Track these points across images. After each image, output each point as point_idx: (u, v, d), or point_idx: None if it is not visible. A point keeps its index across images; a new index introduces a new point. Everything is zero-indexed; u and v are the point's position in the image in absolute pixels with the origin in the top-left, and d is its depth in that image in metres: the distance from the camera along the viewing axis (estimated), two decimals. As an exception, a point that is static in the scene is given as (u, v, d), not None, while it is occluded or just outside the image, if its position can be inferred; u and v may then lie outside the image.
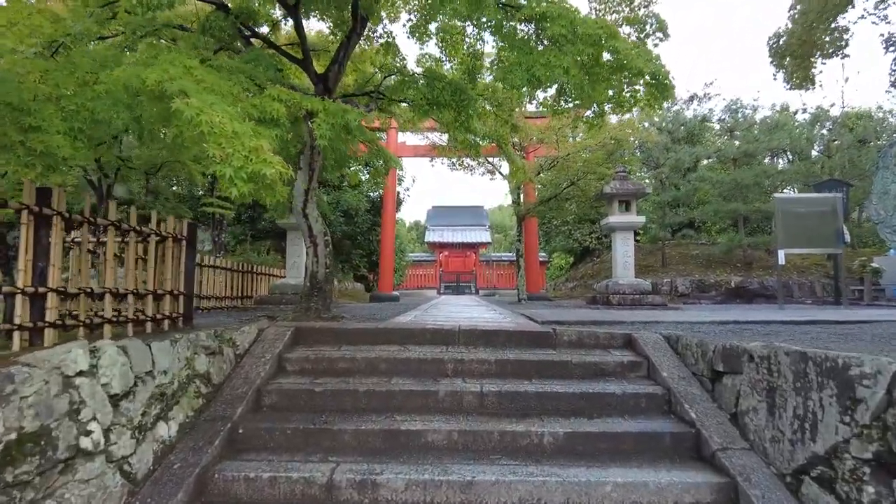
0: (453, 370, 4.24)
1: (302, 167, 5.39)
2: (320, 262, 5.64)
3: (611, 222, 9.51)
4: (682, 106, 17.58)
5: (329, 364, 4.35)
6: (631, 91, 5.54)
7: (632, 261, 9.61)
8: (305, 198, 5.45)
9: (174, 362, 3.41)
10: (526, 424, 3.52)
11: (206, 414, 3.57)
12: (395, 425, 3.50)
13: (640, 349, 4.50)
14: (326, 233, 5.70)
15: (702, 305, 11.16)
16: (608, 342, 4.75)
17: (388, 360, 4.32)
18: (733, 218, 14.80)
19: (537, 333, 4.76)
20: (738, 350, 3.54)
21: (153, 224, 4.20)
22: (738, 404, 3.46)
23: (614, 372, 4.29)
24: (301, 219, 5.52)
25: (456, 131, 7.23)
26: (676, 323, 6.03)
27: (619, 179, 9.65)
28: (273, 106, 3.23)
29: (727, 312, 7.96)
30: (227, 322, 5.84)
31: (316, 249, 5.62)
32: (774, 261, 15.52)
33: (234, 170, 2.38)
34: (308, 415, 3.72)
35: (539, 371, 4.25)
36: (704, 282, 13.29)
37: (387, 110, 7.78)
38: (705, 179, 13.68)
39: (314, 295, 5.64)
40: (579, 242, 19.00)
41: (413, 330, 4.82)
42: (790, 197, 9.71)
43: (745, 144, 13.78)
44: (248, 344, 4.47)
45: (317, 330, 4.84)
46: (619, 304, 9.07)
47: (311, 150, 5.34)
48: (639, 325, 5.88)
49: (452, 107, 5.65)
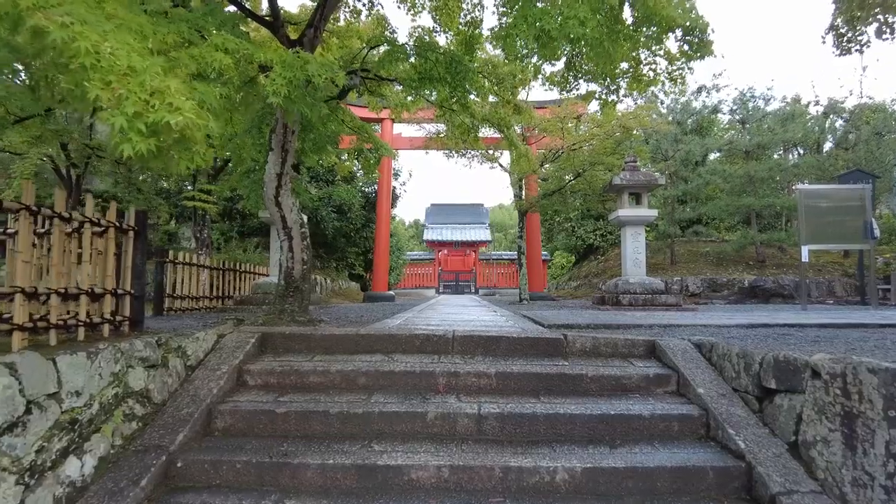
0: (446, 385, 3.55)
1: (273, 148, 4.69)
2: (296, 258, 4.95)
3: (620, 216, 8.81)
4: (690, 97, 16.89)
5: (298, 378, 3.66)
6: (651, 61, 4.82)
7: (643, 258, 8.92)
8: (278, 183, 4.76)
9: (93, 380, 2.72)
10: (534, 457, 2.83)
11: (138, 443, 2.88)
12: (371, 458, 2.81)
13: (667, 359, 3.81)
14: (303, 224, 5.01)
15: (716, 306, 10.47)
16: (629, 350, 4.06)
17: (369, 373, 3.63)
18: (745, 214, 14.11)
19: (545, 340, 4.06)
20: (797, 364, 2.85)
21: (88, 211, 3.50)
22: (800, 432, 2.77)
23: (638, 387, 3.60)
24: (273, 208, 4.83)
25: (452, 114, 6.54)
26: (699, 326, 5.34)
27: (629, 170, 8.95)
28: (215, 57, 2.54)
29: (750, 314, 7.26)
30: (194, 326, 5.16)
31: (291, 243, 4.93)
32: (788, 258, 14.87)
33: (126, 119, 1.71)
34: (266, 442, 3.03)
35: (548, 387, 3.56)
36: (716, 281, 12.60)
37: (377, 92, 7.09)
38: (717, 173, 12.98)
39: (289, 295, 4.95)
40: (583, 240, 18.28)
41: (400, 336, 4.12)
42: (814, 188, 9.01)
43: (759, 136, 13.08)
44: (202, 354, 3.78)
45: (287, 336, 4.15)
46: (629, 304, 8.37)
47: (283, 129, 4.65)
48: (658, 329, 5.19)
49: (447, 82, 4.96)
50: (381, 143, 7.89)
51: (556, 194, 10.95)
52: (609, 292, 8.92)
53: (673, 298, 8.51)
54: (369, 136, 7.84)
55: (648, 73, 4.97)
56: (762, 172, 13.07)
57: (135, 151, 1.77)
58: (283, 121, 4.65)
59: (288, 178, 4.83)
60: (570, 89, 5.46)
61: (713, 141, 14.46)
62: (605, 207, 11.62)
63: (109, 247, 3.78)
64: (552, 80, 5.45)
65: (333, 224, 13.71)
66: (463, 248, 32.53)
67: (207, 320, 5.69)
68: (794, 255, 14.52)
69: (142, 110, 1.71)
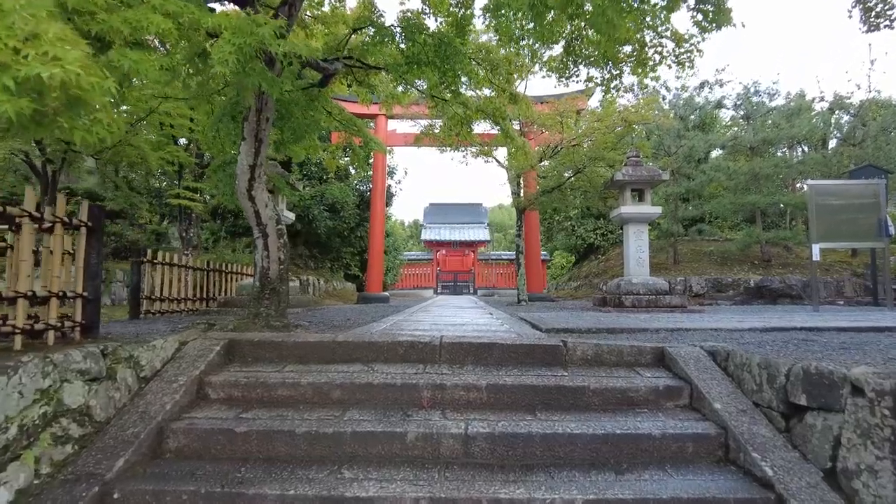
0: (430, 400, 3.16)
1: (245, 138, 4.30)
2: (272, 257, 4.56)
3: (623, 213, 8.41)
4: (692, 92, 16.49)
5: (265, 391, 3.26)
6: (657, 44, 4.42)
7: (646, 257, 8.52)
8: (251, 176, 4.37)
9: (9, 399, 2.33)
10: (528, 486, 2.44)
11: (69, 470, 2.49)
12: (339, 488, 2.41)
13: (678, 369, 3.42)
14: (280, 220, 4.62)
15: (722, 307, 10.08)
16: (635, 359, 3.66)
17: (344, 385, 3.23)
18: (749, 212, 13.72)
19: (542, 347, 3.67)
20: (833, 377, 2.47)
21: (27, 205, 3.11)
22: (839, 458, 2.37)
23: (646, 401, 3.20)
24: (246, 202, 4.44)
25: (444, 105, 6.15)
26: (709, 330, 4.95)
27: (631, 165, 8.55)
28: (152, 20, 2.15)
29: (761, 316, 6.87)
30: (162, 331, 4.77)
31: (266, 241, 4.53)
32: (793, 257, 14.47)
33: (-13, 74, 1.34)
34: (222, 467, 2.64)
35: (546, 401, 3.17)
36: (721, 281, 12.20)
37: (366, 83, 6.70)
38: (721, 169, 12.59)
39: (265, 297, 4.56)
40: (583, 239, 17.87)
41: (382, 344, 3.73)
42: (826, 184, 8.61)
43: (764, 132, 12.69)
44: (159, 363, 3.38)
45: (256, 344, 3.75)
46: (632, 305, 7.98)
47: (256, 116, 4.26)
48: (665, 333, 4.80)
49: (437, 66, 4.57)
50: (371, 138, 7.49)
51: (556, 191, 10.56)
52: (611, 293, 8.52)
53: (678, 299, 8.12)
54: (359, 129, 7.45)
55: (654, 56, 4.58)
56: (767, 169, 12.67)
57: (1, 114, 1.39)
58: (258, 105, 4.25)
59: (262, 170, 4.43)
60: (569, 75, 5.07)
61: (717, 137, 14.07)
62: (605, 205, 11.23)
63: (56, 245, 3.39)
64: (550, 65, 5.07)
65: (326, 223, 13.30)
66: (461, 248, 32.16)
67: (181, 324, 5.29)
68: (801, 254, 14.13)
69: (8, 61, 1.33)
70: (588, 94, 12.05)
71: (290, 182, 8.57)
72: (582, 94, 11.90)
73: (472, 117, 6.19)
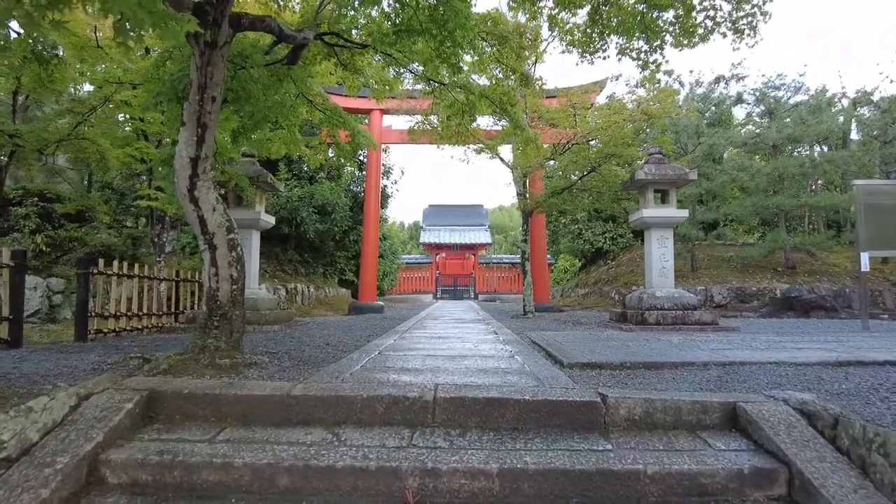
0: (418, 492, 2.19)
1: (186, 122, 3.34)
2: (221, 275, 3.59)
3: (645, 217, 7.44)
4: (707, 88, 15.53)
5: (186, 474, 2.30)
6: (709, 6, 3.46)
7: (671, 266, 7.55)
8: (192, 171, 3.40)
9: None
10: None
11: None
12: None
13: (763, 436, 2.46)
14: (232, 227, 3.64)
15: (751, 321, 9.11)
16: (697, 418, 2.70)
17: (296, 469, 2.27)
18: (773, 214, 12.76)
19: (573, 405, 2.70)
20: None
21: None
22: None
23: (725, 490, 2.25)
24: (187, 205, 3.47)
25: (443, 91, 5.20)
26: (767, 364, 4.00)
27: (653, 163, 7.59)
28: None
29: (808, 338, 5.90)
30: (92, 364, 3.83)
31: (214, 254, 3.57)
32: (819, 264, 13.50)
33: None
34: None
35: (585, 493, 2.20)
36: (744, 290, 11.22)
37: (351, 66, 5.74)
38: (744, 169, 11.63)
39: (213, 326, 3.60)
40: (591, 244, 16.88)
41: (355, 399, 2.76)
42: (876, 184, 7.66)
43: (790, 128, 11.73)
44: (36, 434, 2.41)
45: (187, 397, 2.79)
46: (657, 323, 7.01)
47: (199, 94, 3.30)
48: (716, 370, 3.85)
49: (431, 34, 3.61)
50: (358, 130, 6.54)
51: (566, 192, 9.59)
52: (632, 308, 7.55)
53: (708, 315, 7.14)
54: (344, 120, 6.50)
55: (704, 22, 3.61)
56: (793, 168, 11.71)
57: None
58: (202, 80, 3.29)
59: (208, 164, 3.46)
60: (594, 50, 4.11)
61: (737, 134, 13.11)
62: (620, 207, 10.28)
63: None
64: (571, 36, 4.10)
65: (315, 227, 12.32)
66: (462, 251, 31.21)
67: (116, 355, 4.33)
68: (826, 259, 13.17)
69: None
70: (601, 86, 11.09)
71: (270, 181, 7.62)
72: (596, 86, 10.94)
73: (475, 105, 5.22)
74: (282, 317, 7.51)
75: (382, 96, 6.38)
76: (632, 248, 16.41)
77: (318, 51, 5.39)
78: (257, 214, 7.52)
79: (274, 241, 13.29)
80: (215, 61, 3.28)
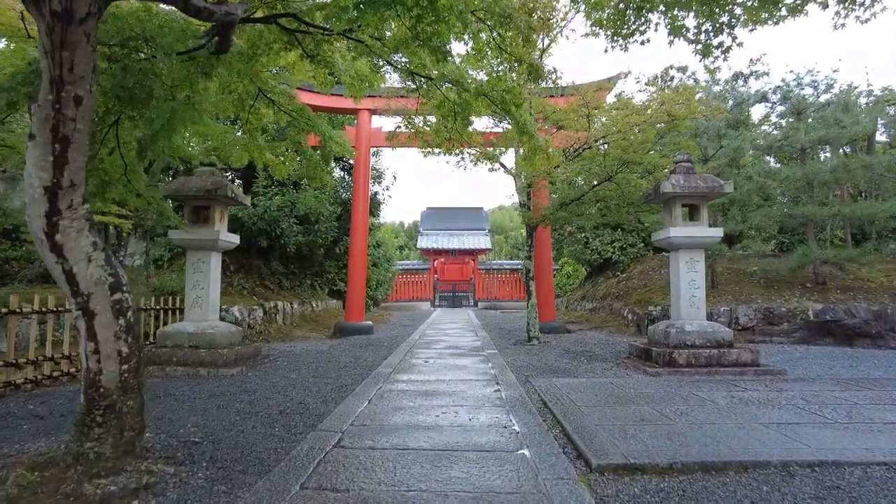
0: None
1: (35, 134, 2.25)
2: (104, 352, 2.50)
3: (672, 238, 6.32)
4: (724, 86, 14.40)
5: None
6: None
7: (702, 295, 6.43)
8: (50, 207, 2.31)
9: None
10: None
11: None
12: None
13: None
14: (120, 284, 2.55)
15: (784, 348, 7.99)
16: None
17: None
18: (799, 224, 11.65)
19: None
20: None
21: None
22: None
23: None
24: (47, 255, 2.38)
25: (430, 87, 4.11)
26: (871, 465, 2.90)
27: (682, 173, 6.47)
28: None
29: (885, 392, 4.78)
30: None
31: (91, 324, 2.48)
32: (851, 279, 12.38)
33: None
34: None
35: None
36: (772, 311, 10.09)
37: (320, 59, 4.65)
38: (771, 175, 10.53)
39: (94, 424, 2.52)
40: (598, 253, 15.74)
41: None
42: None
43: (821, 129, 10.64)
44: None
45: None
46: (687, 364, 5.90)
47: (54, 92, 2.21)
48: (802, 477, 2.75)
49: (404, 4, 2.52)
50: (330, 135, 5.46)
51: (574, 203, 8.48)
52: (658, 343, 6.43)
53: (747, 354, 6.04)
54: (312, 123, 5.42)
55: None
56: (824, 174, 10.59)
57: None
58: (56, 75, 2.19)
59: (77, 195, 2.37)
60: (629, 32, 3.01)
61: (760, 136, 12.00)
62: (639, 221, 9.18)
63: None
64: (599, 13, 2.99)
65: (297, 238, 11.18)
66: (461, 256, 30.07)
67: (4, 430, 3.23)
68: (859, 273, 12.03)
69: None
70: (613, 83, 9.97)
71: (232, 195, 6.51)
72: (608, 83, 9.82)
73: (471, 105, 4.12)
74: (244, 354, 6.40)
75: (361, 94, 5.27)
76: (643, 260, 15.26)
77: (275, 38, 4.30)
78: (216, 234, 6.40)
79: (254, 254, 12.18)
80: (74, 42, 2.20)
